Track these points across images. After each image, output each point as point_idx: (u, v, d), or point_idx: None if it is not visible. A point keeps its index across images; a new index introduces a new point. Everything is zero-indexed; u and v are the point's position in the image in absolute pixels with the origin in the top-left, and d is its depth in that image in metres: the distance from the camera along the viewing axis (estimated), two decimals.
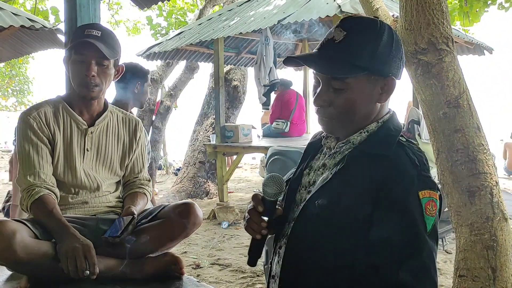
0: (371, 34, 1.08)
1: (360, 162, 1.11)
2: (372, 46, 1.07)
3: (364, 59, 1.07)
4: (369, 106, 1.13)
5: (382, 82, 1.11)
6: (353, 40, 1.07)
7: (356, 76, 1.08)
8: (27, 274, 1.62)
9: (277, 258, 1.22)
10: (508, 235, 2.04)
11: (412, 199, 1.03)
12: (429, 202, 1.04)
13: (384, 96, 1.12)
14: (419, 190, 1.04)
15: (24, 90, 17.53)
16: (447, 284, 3.37)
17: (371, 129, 1.14)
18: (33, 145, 1.76)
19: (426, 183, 1.06)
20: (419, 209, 1.03)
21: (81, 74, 1.75)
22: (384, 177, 1.05)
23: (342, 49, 1.08)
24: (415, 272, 1.01)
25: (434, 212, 1.05)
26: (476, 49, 6.71)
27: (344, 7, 4.70)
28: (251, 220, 1.17)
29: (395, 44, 1.10)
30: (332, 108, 1.11)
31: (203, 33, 5.93)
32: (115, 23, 12.29)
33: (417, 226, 1.03)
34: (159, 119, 8.44)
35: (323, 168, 1.19)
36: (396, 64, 1.11)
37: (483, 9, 5.57)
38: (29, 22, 4.06)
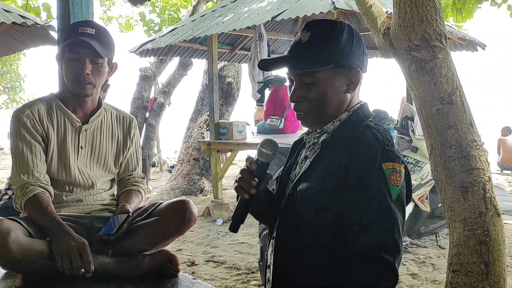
0: (332, 33, 1.22)
1: (332, 146, 1.23)
2: (334, 42, 1.21)
3: (328, 54, 1.20)
4: (339, 97, 1.24)
5: (348, 74, 1.23)
6: (317, 39, 1.21)
7: (323, 70, 1.21)
8: (22, 272, 1.61)
9: (271, 248, 1.32)
10: (501, 230, 2.06)
11: (375, 171, 1.14)
12: (392, 173, 1.15)
13: (352, 87, 1.25)
14: (382, 162, 1.15)
15: (16, 87, 17.38)
16: (440, 279, 3.40)
17: (343, 118, 1.26)
18: (27, 143, 1.75)
19: (389, 156, 1.17)
20: (383, 179, 1.14)
21: (75, 72, 1.74)
22: (350, 155, 1.17)
23: (308, 48, 1.21)
24: (378, 237, 1.12)
25: (398, 182, 1.15)
26: (469, 45, 6.73)
27: (338, 4, 4.70)
28: (242, 179, 1.24)
29: (355, 39, 1.23)
30: (307, 102, 1.24)
31: (197, 30, 5.91)
32: (108, 19, 12.21)
33: (381, 195, 1.13)
34: (152, 116, 8.41)
35: (305, 160, 1.30)
36: (359, 57, 1.24)
37: (475, 5, 5.60)
38: (21, 19, 4.03)
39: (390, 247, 1.12)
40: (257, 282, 3.43)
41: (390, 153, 1.17)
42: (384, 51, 2.53)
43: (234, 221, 1.27)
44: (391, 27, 2.17)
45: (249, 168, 1.23)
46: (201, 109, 8.03)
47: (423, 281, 3.45)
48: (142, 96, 8.24)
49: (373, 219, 1.13)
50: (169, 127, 13.47)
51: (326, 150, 1.23)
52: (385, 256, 1.11)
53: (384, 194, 1.13)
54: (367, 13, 2.63)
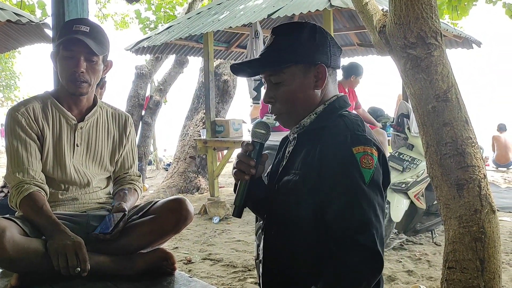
0: (292, 32, 1.27)
1: (306, 137, 1.27)
2: (294, 41, 1.25)
3: (288, 53, 1.24)
4: (307, 94, 1.27)
5: (314, 70, 1.26)
6: (279, 40, 1.27)
7: (287, 68, 1.25)
8: (17, 271, 1.60)
9: (261, 243, 1.36)
10: (496, 227, 2.07)
11: (346, 156, 1.15)
12: (364, 156, 1.15)
13: (320, 83, 1.27)
14: (352, 146, 1.16)
15: (11, 85, 17.30)
16: (436, 275, 3.41)
17: (319, 110, 1.29)
18: (22, 142, 1.74)
19: (359, 140, 1.17)
20: (355, 163, 1.14)
21: (69, 70, 1.73)
22: (322, 144, 1.19)
23: (272, 49, 1.27)
24: (353, 222, 1.12)
25: (371, 165, 1.14)
26: (464, 42, 6.75)
27: (334, 1, 4.69)
28: (240, 162, 1.27)
29: (318, 36, 1.26)
30: (278, 103, 1.28)
31: (193, 27, 5.89)
32: (103, 17, 12.15)
33: (354, 180, 1.13)
34: (148, 114, 8.40)
35: (288, 154, 1.33)
36: (323, 53, 1.26)
37: (471, 3, 5.61)
38: (15, 16, 4.00)
39: (367, 230, 1.11)
40: (254, 280, 3.44)
41: (360, 137, 1.18)
42: (380, 49, 2.53)
43: (237, 206, 1.29)
44: (387, 25, 2.17)
45: (246, 150, 1.27)
46: (197, 107, 8.01)
47: (419, 278, 3.46)
48: (138, 94, 8.23)
49: (347, 204, 1.13)
50: (165, 125, 13.45)
51: (301, 143, 1.28)
52: (362, 240, 1.10)
53: (356, 178, 1.13)
54: (363, 11, 2.63)
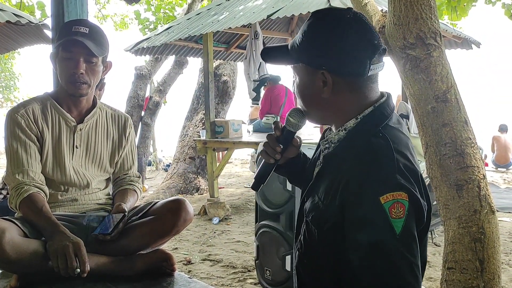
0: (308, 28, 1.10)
1: (333, 163, 1.11)
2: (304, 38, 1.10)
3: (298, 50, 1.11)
4: (316, 97, 1.12)
5: (322, 76, 1.09)
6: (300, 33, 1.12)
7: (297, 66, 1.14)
8: (17, 273, 1.60)
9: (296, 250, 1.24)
10: (495, 228, 2.07)
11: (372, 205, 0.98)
12: (393, 205, 0.97)
13: (326, 91, 1.09)
14: (379, 195, 0.97)
15: (11, 86, 17.27)
16: (436, 276, 3.41)
17: (349, 126, 1.11)
18: (21, 143, 1.74)
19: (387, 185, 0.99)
20: (383, 215, 0.97)
21: (69, 71, 1.73)
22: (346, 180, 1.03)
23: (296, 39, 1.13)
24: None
25: (402, 214, 0.97)
26: (464, 43, 6.76)
27: (333, 2, 4.70)
28: (267, 144, 1.24)
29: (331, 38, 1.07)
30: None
31: (192, 28, 5.89)
32: (102, 18, 12.15)
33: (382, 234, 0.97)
34: (148, 114, 8.40)
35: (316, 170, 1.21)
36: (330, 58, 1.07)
37: (470, 3, 5.61)
38: (15, 17, 4.00)
39: None
40: (253, 281, 3.44)
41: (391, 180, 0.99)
42: None
43: (257, 180, 1.30)
44: (386, 26, 2.17)
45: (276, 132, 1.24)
46: (196, 107, 8.01)
47: None
48: (137, 95, 8.22)
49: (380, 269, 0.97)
50: (165, 125, 13.45)
51: (328, 167, 1.12)
52: None
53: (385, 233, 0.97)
54: (362, 12, 2.63)
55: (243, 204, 6.25)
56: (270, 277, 2.87)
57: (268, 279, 2.90)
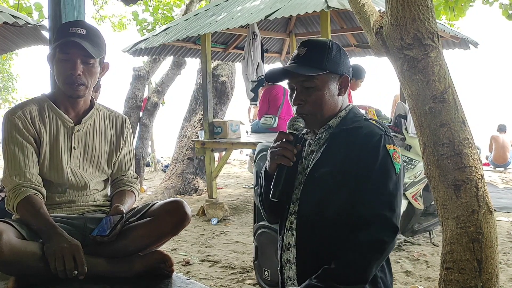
0: (324, 47, 1.50)
1: (340, 135, 1.49)
2: (327, 54, 1.49)
3: (323, 63, 1.47)
4: (333, 99, 1.51)
5: (339, 80, 1.52)
6: (312, 52, 1.49)
7: (321, 75, 1.47)
8: (14, 275, 1.60)
9: (291, 231, 1.52)
10: (493, 228, 2.07)
11: (382, 150, 1.43)
12: (394, 152, 1.45)
13: (343, 91, 1.53)
14: (386, 144, 1.44)
15: (8, 87, 17.24)
16: (434, 276, 3.41)
17: (342, 115, 1.54)
18: (19, 145, 1.74)
19: (391, 140, 1.47)
20: (388, 156, 1.43)
21: (66, 73, 1.73)
22: (360, 140, 1.45)
23: (307, 58, 1.49)
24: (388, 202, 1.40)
25: (399, 160, 1.45)
26: (461, 43, 6.76)
27: (331, 3, 4.70)
28: (285, 149, 1.46)
29: (342, 53, 1.53)
30: (307, 105, 1.49)
31: (190, 29, 5.89)
32: (100, 19, 12.14)
33: (388, 167, 1.42)
34: (146, 115, 8.39)
35: (312, 154, 1.54)
36: (346, 66, 1.53)
37: (468, 4, 5.62)
38: (12, 18, 4.00)
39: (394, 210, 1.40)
40: (252, 281, 3.44)
41: (390, 138, 1.47)
42: (376, 50, 2.54)
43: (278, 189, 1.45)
44: (384, 26, 2.17)
45: (286, 139, 1.47)
46: (195, 108, 8.01)
47: (417, 278, 3.46)
48: (135, 95, 8.21)
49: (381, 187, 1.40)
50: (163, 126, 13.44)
51: (336, 140, 1.48)
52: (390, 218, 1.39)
53: (389, 167, 1.42)
54: (359, 12, 2.64)
55: (242, 205, 6.25)
56: (269, 278, 2.87)
57: (266, 280, 2.90)
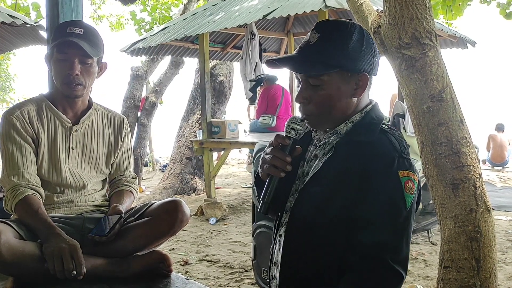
0: (341, 35, 1.19)
1: (347, 149, 1.20)
2: (342, 45, 1.18)
3: (335, 58, 1.18)
4: (345, 101, 1.22)
5: (356, 78, 1.21)
6: (325, 41, 1.18)
7: (329, 73, 1.18)
8: (12, 275, 1.60)
9: (278, 246, 1.31)
10: (491, 226, 2.08)
11: (393, 178, 1.14)
12: (408, 181, 1.15)
13: (359, 91, 1.22)
14: (399, 170, 1.14)
15: (6, 87, 17.19)
16: (432, 275, 3.42)
17: (356, 119, 1.24)
18: (17, 145, 1.73)
19: (405, 164, 1.16)
20: (399, 187, 1.14)
21: (64, 73, 1.73)
22: (367, 160, 1.16)
23: (316, 49, 1.19)
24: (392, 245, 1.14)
25: (412, 191, 1.15)
26: (459, 42, 6.78)
27: (329, 2, 4.70)
28: (276, 158, 1.20)
29: (365, 42, 1.20)
30: (312, 104, 1.22)
31: (188, 28, 5.89)
32: (98, 18, 12.11)
33: (396, 203, 1.14)
34: (144, 115, 8.38)
35: (315, 159, 1.28)
36: (368, 61, 1.21)
37: (465, 3, 5.63)
38: (10, 18, 3.98)
39: (400, 255, 1.14)
40: (251, 281, 3.44)
41: (406, 161, 1.17)
42: None
43: (266, 203, 1.22)
44: (382, 25, 2.18)
45: (281, 143, 1.21)
46: (193, 108, 8.00)
47: (416, 277, 3.47)
48: (133, 95, 8.20)
49: (386, 226, 1.14)
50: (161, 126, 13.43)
51: (341, 153, 1.21)
52: (395, 264, 1.13)
53: (398, 202, 1.14)
54: (357, 11, 2.64)
55: (240, 204, 6.25)
56: (267, 277, 2.87)
57: (265, 279, 2.90)
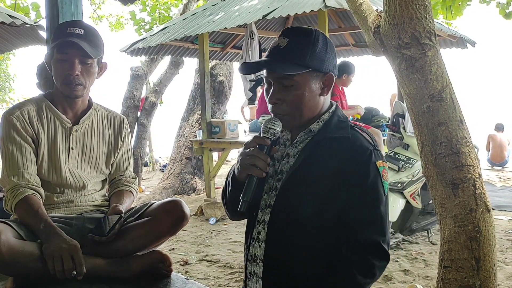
0: (309, 39, 1.30)
1: (324, 144, 1.32)
2: (310, 48, 1.29)
3: (305, 59, 1.28)
4: (314, 100, 1.33)
5: (323, 78, 1.33)
6: (295, 44, 1.29)
7: (301, 73, 1.28)
8: (12, 275, 1.60)
9: (258, 242, 1.36)
10: (491, 226, 2.08)
11: (372, 168, 1.29)
12: (384, 170, 1.31)
13: (326, 90, 1.35)
14: (376, 161, 1.30)
15: (6, 87, 17.19)
16: (432, 275, 3.42)
17: (325, 118, 1.37)
18: (17, 145, 1.73)
19: (379, 155, 1.32)
20: (379, 175, 1.29)
21: (64, 73, 1.73)
22: (347, 154, 1.29)
23: (288, 52, 1.29)
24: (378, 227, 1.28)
25: (387, 178, 1.33)
26: (459, 42, 6.77)
27: (329, 2, 4.69)
28: (257, 158, 1.28)
29: (329, 46, 1.33)
30: (285, 104, 1.31)
31: (188, 28, 5.88)
32: (98, 18, 12.10)
33: (379, 189, 1.29)
34: (144, 115, 8.38)
35: (288, 157, 1.37)
36: (332, 63, 1.33)
37: (465, 3, 5.63)
38: (9, 18, 3.98)
39: (386, 234, 1.29)
40: None
41: (379, 153, 1.32)
42: (374, 49, 2.54)
43: (247, 201, 1.28)
44: (381, 25, 2.18)
45: (261, 144, 1.29)
46: (193, 108, 8.00)
47: (415, 277, 3.47)
48: (133, 95, 8.20)
49: (372, 210, 1.28)
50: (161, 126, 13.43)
51: (321, 148, 1.31)
52: (382, 242, 1.28)
53: (380, 187, 1.29)
54: (357, 11, 2.64)
55: None
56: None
57: None
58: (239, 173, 1.32)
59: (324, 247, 1.30)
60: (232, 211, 1.45)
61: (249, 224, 1.42)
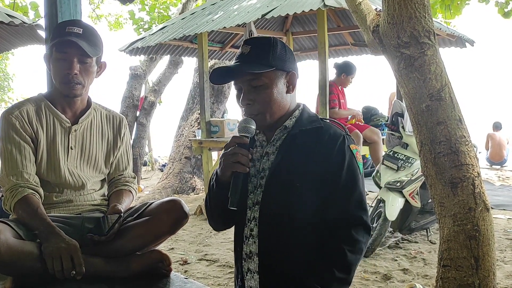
0: (268, 44, 1.44)
1: (299, 136, 1.44)
2: (271, 51, 1.42)
3: (269, 59, 1.41)
4: (282, 97, 1.44)
5: (287, 77, 1.45)
6: (257, 49, 1.43)
7: (267, 72, 1.40)
8: (11, 275, 1.60)
9: (252, 239, 1.44)
10: (490, 225, 2.08)
11: (347, 151, 1.42)
12: (357, 152, 1.45)
13: (292, 88, 1.47)
14: (349, 144, 1.44)
15: (4, 86, 17.18)
16: (431, 273, 3.42)
17: (296, 115, 1.49)
18: (16, 145, 1.73)
19: (351, 140, 1.47)
20: (353, 157, 1.43)
21: (63, 72, 1.73)
22: (323, 141, 1.42)
23: (253, 56, 1.42)
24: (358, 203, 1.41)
25: (360, 159, 1.46)
26: (458, 41, 6.77)
27: (328, 1, 4.69)
28: (239, 155, 1.37)
29: (287, 49, 1.47)
30: (257, 103, 1.42)
31: (187, 28, 5.88)
32: (97, 18, 12.10)
33: (355, 169, 1.43)
34: (143, 115, 8.38)
35: (267, 155, 1.47)
36: (292, 63, 1.47)
37: (464, 2, 5.64)
38: (8, 18, 3.97)
39: (366, 209, 1.43)
40: None
41: (350, 138, 1.47)
42: (373, 48, 2.54)
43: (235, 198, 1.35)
44: (380, 25, 2.18)
45: (241, 143, 1.38)
46: (192, 107, 8.00)
47: (414, 276, 3.48)
48: (132, 94, 8.20)
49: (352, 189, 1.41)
50: (160, 125, 13.43)
51: (297, 141, 1.44)
52: (364, 217, 1.41)
53: (356, 168, 1.43)
54: (356, 11, 2.64)
55: None
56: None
57: None
58: (222, 173, 1.40)
59: (315, 235, 1.39)
60: (218, 220, 1.54)
61: (239, 225, 1.49)
